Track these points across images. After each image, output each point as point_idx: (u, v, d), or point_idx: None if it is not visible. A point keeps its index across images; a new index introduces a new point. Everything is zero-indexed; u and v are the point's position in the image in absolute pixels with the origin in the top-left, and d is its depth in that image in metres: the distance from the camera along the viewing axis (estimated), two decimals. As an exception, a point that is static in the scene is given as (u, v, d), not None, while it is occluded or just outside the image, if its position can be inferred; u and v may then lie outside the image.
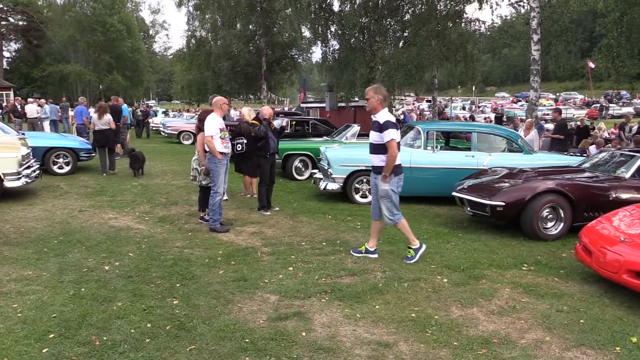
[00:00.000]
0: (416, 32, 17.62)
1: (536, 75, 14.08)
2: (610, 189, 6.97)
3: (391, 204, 5.68)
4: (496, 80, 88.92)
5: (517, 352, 3.75)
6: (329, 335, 3.97)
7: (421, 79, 19.02)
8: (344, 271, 5.43)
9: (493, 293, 4.89)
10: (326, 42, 19.54)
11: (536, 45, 13.94)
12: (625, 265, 4.58)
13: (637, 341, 3.92)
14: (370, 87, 5.85)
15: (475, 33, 18.82)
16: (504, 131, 10.07)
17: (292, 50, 34.71)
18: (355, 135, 12.63)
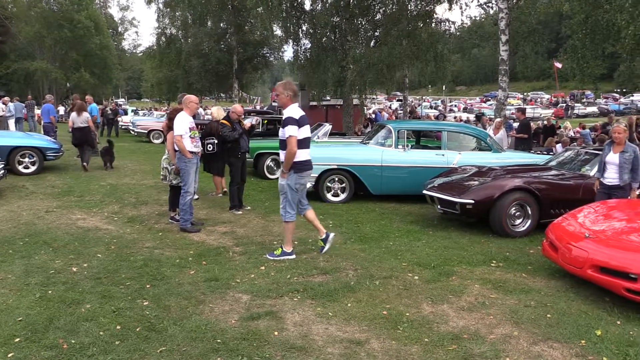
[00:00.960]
0: (387, 32, 17.74)
1: (504, 75, 14.33)
2: (576, 187, 7.15)
3: (286, 200, 5.70)
4: (466, 80, 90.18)
5: (486, 347, 3.81)
6: (301, 334, 3.97)
7: (392, 78, 19.15)
8: (315, 270, 5.44)
9: (463, 289, 4.96)
10: (298, 41, 19.51)
11: (504, 45, 14.19)
12: (590, 260, 4.70)
13: (601, 334, 4.03)
14: (280, 82, 5.84)
15: (445, 33, 19.05)
16: (473, 130, 10.23)
17: (263, 48, 34.62)
18: (327, 134, 12.66)
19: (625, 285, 4.37)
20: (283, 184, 5.71)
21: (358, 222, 7.76)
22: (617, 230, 5.04)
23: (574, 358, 3.69)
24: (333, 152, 9.55)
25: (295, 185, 5.67)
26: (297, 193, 5.74)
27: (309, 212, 5.99)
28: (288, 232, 5.84)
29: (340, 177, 9.19)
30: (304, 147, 5.63)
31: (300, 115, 5.59)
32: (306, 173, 5.73)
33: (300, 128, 5.55)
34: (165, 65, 35.21)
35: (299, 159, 5.60)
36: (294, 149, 5.50)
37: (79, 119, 12.25)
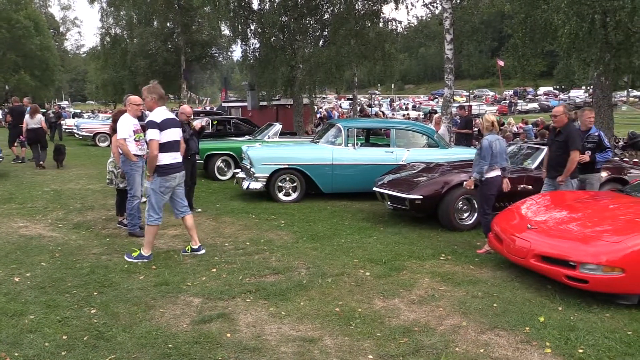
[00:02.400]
0: (335, 31, 17.87)
1: (450, 74, 14.67)
2: (519, 180, 7.41)
3: (150, 204, 5.68)
4: (414, 78, 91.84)
5: (436, 338, 3.91)
6: (254, 335, 3.96)
7: (341, 77, 19.32)
8: (268, 270, 5.43)
9: (413, 283, 5.07)
10: (246, 41, 19.37)
11: (449, 44, 14.52)
12: (533, 250, 4.89)
13: (544, 320, 4.21)
14: (146, 86, 5.80)
15: (393, 32, 19.35)
16: (420, 127, 10.45)
17: (212, 48, 34.19)
18: (277, 133, 12.63)
19: (565, 272, 4.57)
20: (146, 187, 5.67)
21: (310, 220, 7.79)
22: (557, 221, 5.26)
23: (519, 344, 3.83)
24: (283, 152, 9.55)
25: (159, 189, 5.62)
26: (162, 197, 5.69)
27: (188, 217, 5.92)
28: (149, 235, 5.76)
29: (292, 177, 9.20)
30: (168, 151, 5.59)
31: (163, 119, 5.56)
32: (171, 177, 5.67)
33: (163, 131, 5.51)
34: (111, 66, 34.22)
35: (162, 162, 5.56)
36: (154, 152, 5.47)
37: (32, 121, 13.26)
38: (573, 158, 6.26)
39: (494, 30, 36.53)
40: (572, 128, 6.48)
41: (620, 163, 8.91)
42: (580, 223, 5.09)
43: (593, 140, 6.74)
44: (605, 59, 11.44)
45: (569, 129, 6.41)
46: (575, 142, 6.29)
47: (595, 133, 6.79)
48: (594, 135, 6.77)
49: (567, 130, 6.39)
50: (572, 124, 6.59)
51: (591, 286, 4.45)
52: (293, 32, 18.48)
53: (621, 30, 10.60)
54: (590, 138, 6.76)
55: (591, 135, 6.78)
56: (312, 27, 19.40)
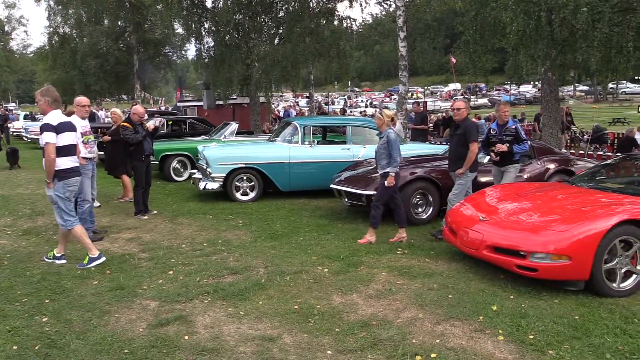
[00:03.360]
0: (290, 29, 17.83)
1: (404, 70, 14.85)
2: (471, 174, 7.59)
3: (59, 210, 5.57)
4: (370, 76, 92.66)
5: (393, 331, 3.97)
6: (212, 336, 3.93)
7: (297, 75, 19.29)
8: (226, 270, 5.39)
9: (371, 278, 5.13)
10: (200, 39, 19.11)
11: (403, 42, 14.70)
12: (485, 242, 5.02)
13: (497, 309, 4.33)
14: (39, 89, 5.71)
15: (347, 30, 19.46)
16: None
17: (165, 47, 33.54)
18: (234, 133, 12.53)
19: (516, 262, 4.72)
20: (51, 195, 5.50)
21: (268, 219, 7.77)
22: (509, 212, 5.42)
23: (473, 333, 3.93)
24: (240, 151, 9.49)
25: (64, 194, 5.52)
26: (69, 201, 5.59)
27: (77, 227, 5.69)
28: (83, 238, 5.65)
29: (249, 176, 9.16)
30: (66, 155, 5.49)
31: (59, 122, 5.47)
32: (73, 180, 5.58)
33: (59, 134, 5.41)
34: (60, 67, 33.06)
35: (62, 167, 5.45)
36: (51, 155, 5.35)
37: None
38: (472, 150, 6.51)
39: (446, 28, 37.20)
40: (469, 122, 6.75)
41: (567, 155, 9.25)
42: (530, 214, 5.25)
43: (511, 133, 6.93)
44: (551, 55, 11.83)
45: (466, 123, 6.68)
46: (472, 134, 6.54)
47: (512, 126, 6.98)
48: (511, 128, 6.95)
49: (464, 124, 6.66)
50: (469, 118, 6.87)
51: (540, 274, 4.61)
52: (248, 31, 18.35)
53: (566, 27, 10.98)
54: (508, 131, 6.94)
55: (509, 129, 6.96)
56: (267, 26, 19.31)
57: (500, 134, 7.01)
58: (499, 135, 7.03)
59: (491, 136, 7.15)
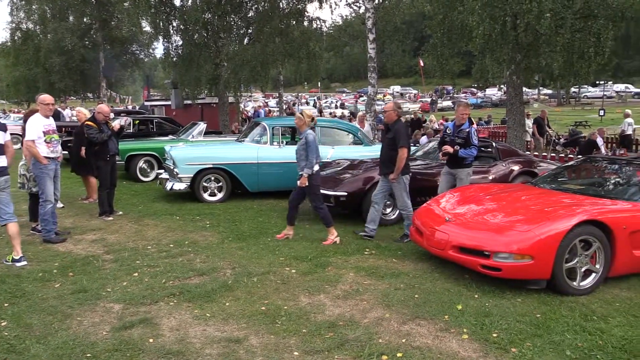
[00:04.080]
0: (260, 29, 17.78)
1: (373, 72, 14.96)
2: (438, 175, 7.68)
3: None
4: (340, 77, 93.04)
5: (360, 331, 3.99)
6: (178, 339, 3.88)
7: (267, 76, 19.20)
8: (192, 272, 5.33)
9: (338, 279, 5.14)
10: (168, 38, 18.84)
11: (372, 44, 14.80)
12: (451, 242, 5.10)
13: (462, 308, 4.40)
14: None
15: (317, 31, 19.49)
16: (345, 125, 10.61)
17: (132, 45, 33.00)
18: (202, 133, 12.42)
19: (480, 262, 4.80)
20: None
21: (236, 220, 7.72)
22: (474, 213, 5.51)
23: (438, 332, 3.99)
24: (208, 152, 9.40)
25: None
26: None
27: (11, 225, 5.62)
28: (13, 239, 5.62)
29: (217, 176, 9.08)
30: None
31: None
32: (2, 179, 5.52)
33: None
34: (23, 64, 32.11)
35: None
36: None
37: None
38: (401, 155, 6.36)
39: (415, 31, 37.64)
40: (399, 125, 6.56)
41: (530, 157, 9.45)
42: (494, 214, 5.35)
43: (463, 136, 6.85)
44: (516, 59, 12.09)
45: (396, 126, 6.51)
46: (402, 139, 6.39)
47: (466, 129, 6.87)
48: (465, 130, 6.85)
49: (394, 127, 6.51)
50: (400, 121, 6.68)
51: (504, 273, 4.70)
52: (217, 30, 18.20)
53: (530, 32, 11.24)
54: (462, 133, 6.86)
55: (463, 131, 6.87)
56: (237, 25, 19.18)
57: (454, 134, 6.93)
58: (452, 135, 6.96)
59: (445, 135, 7.10)
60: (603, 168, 6.72)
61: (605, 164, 6.88)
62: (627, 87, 57.33)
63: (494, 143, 9.01)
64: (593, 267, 4.86)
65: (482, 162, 8.59)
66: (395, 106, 6.72)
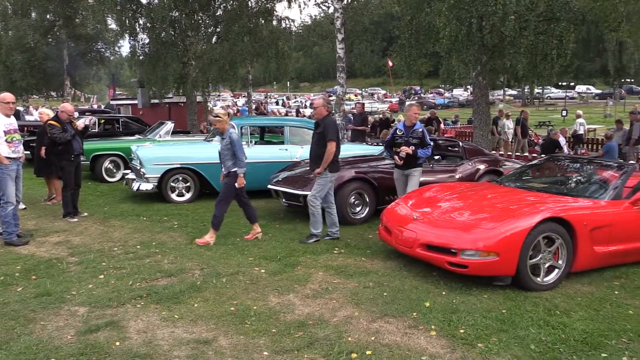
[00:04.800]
0: (228, 28, 17.64)
1: (342, 72, 15.02)
2: (406, 174, 7.77)
3: None
4: (309, 77, 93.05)
5: (330, 330, 4.01)
6: (145, 341, 3.82)
7: (235, 75, 19.07)
8: (160, 273, 5.26)
9: (308, 278, 5.15)
10: (135, 36, 18.52)
11: (341, 44, 14.86)
12: (419, 240, 5.15)
13: (430, 305, 4.46)
14: None
15: (286, 30, 19.45)
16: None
17: (97, 43, 32.30)
18: (170, 132, 12.26)
19: (448, 259, 4.87)
20: None
21: (204, 221, 7.63)
22: (441, 211, 5.59)
23: (407, 329, 4.03)
24: (176, 151, 9.29)
25: None
26: None
27: None
28: None
29: (185, 177, 8.98)
30: None
31: None
32: None
33: None
34: (-18, 61, 31.17)
35: None
36: None
37: None
38: (329, 149, 6.30)
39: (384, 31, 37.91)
40: (329, 120, 6.49)
41: (496, 156, 9.64)
42: (461, 212, 5.44)
43: (417, 136, 6.85)
44: (482, 60, 12.31)
45: (326, 121, 6.44)
46: (330, 133, 6.32)
47: (419, 129, 6.89)
48: (418, 130, 6.87)
49: (324, 122, 6.44)
50: (330, 117, 6.61)
51: (471, 270, 4.79)
52: (184, 28, 17.98)
53: (495, 34, 11.45)
54: (415, 133, 6.86)
55: (415, 131, 6.87)
56: (205, 24, 18.98)
57: (407, 135, 6.89)
58: (405, 136, 6.91)
59: (397, 137, 7.02)
60: (565, 167, 6.92)
61: (567, 163, 7.08)
62: (588, 89, 59.06)
63: (461, 142, 9.15)
64: (556, 263, 4.98)
65: (449, 161, 8.73)
66: (324, 102, 6.65)
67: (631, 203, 5.43)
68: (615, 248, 5.29)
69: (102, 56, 33.51)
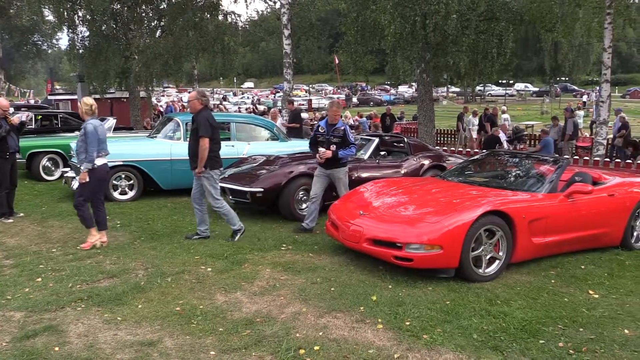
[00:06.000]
0: (173, 22, 17.26)
1: (289, 68, 15.02)
2: (353, 169, 7.84)
3: None
4: (256, 72, 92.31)
5: (277, 327, 4.00)
6: (86, 345, 3.70)
7: (180, 70, 18.69)
8: (102, 274, 5.09)
9: (255, 275, 5.12)
10: (74, 28, 17.80)
11: (287, 39, 14.85)
12: (365, 235, 5.21)
13: (376, 299, 4.53)
14: None
15: (232, 25, 19.22)
16: (261, 121, 10.56)
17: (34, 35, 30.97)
18: (111, 128, 11.90)
19: (393, 253, 4.95)
20: None
21: (149, 219, 7.46)
22: (387, 206, 5.67)
23: (354, 324, 4.07)
24: (118, 148, 8.96)
25: None
26: None
27: None
28: None
29: (128, 174, 8.73)
30: None
31: None
32: None
33: None
34: None
35: None
36: None
37: None
38: (202, 145, 5.98)
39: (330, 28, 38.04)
40: (202, 115, 6.10)
41: (440, 151, 9.88)
42: (406, 207, 5.54)
43: (338, 135, 6.66)
44: (426, 58, 12.58)
45: (199, 116, 6.10)
46: (202, 128, 5.97)
47: (341, 127, 6.70)
48: (340, 129, 6.68)
49: (197, 118, 6.12)
50: (203, 111, 6.19)
51: (416, 264, 4.88)
52: (127, 21, 17.46)
53: (438, 32, 11.72)
54: (337, 132, 6.67)
55: (337, 129, 6.68)
56: (148, 17, 18.51)
57: (329, 133, 6.71)
58: (327, 134, 6.74)
59: (318, 134, 6.90)
60: (505, 162, 7.17)
61: (507, 158, 7.33)
62: (526, 86, 61.44)
63: (406, 138, 9.32)
64: (497, 254, 5.16)
65: (394, 157, 8.87)
66: (198, 95, 6.26)
67: (566, 196, 5.68)
68: (552, 239, 5.53)
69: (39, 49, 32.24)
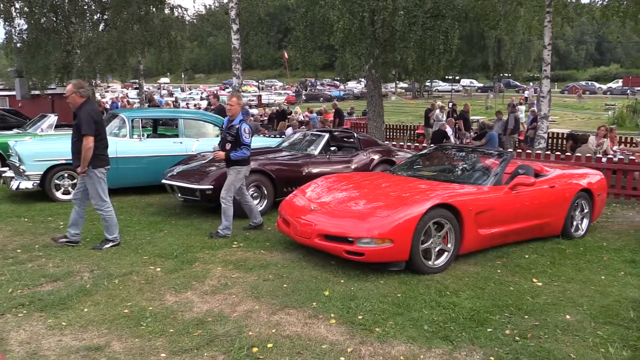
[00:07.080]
0: (117, 15, 16.74)
1: (238, 63, 14.81)
2: (303, 165, 7.86)
3: None
4: (204, 68, 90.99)
5: (230, 325, 3.95)
6: (29, 353, 3.54)
7: (125, 65, 18.14)
8: (44, 278, 4.89)
9: (206, 274, 5.04)
10: (10, 21, 16.99)
11: (236, 34, 14.64)
12: (317, 231, 5.22)
13: (329, 294, 4.54)
14: None
15: (179, 19, 18.82)
16: (209, 117, 10.38)
17: (-35, 28, 29.35)
18: (53, 126, 11.43)
19: (345, 248, 4.98)
20: None
21: (94, 219, 7.19)
22: (338, 201, 5.69)
23: (307, 319, 4.07)
24: (60, 146, 8.60)
25: None
26: None
27: None
28: None
29: (71, 173, 8.41)
30: None
31: None
32: None
33: None
34: None
35: None
36: None
37: None
38: (86, 145, 5.49)
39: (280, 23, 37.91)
40: (83, 110, 5.57)
41: (389, 146, 10.00)
42: (357, 202, 5.58)
43: (232, 133, 6.27)
44: (374, 54, 12.70)
45: (81, 111, 5.57)
46: (84, 125, 5.47)
47: (236, 125, 6.27)
48: (235, 127, 6.27)
49: (79, 113, 5.59)
50: (86, 106, 5.59)
51: (367, 258, 4.93)
52: (68, 14, 16.79)
53: (386, 29, 11.86)
54: (232, 130, 6.29)
55: (233, 127, 6.30)
56: (90, 10, 17.85)
57: (226, 130, 6.39)
58: (225, 131, 6.45)
59: (220, 129, 6.63)
60: (452, 156, 7.33)
61: (454, 152, 7.50)
62: (471, 82, 63.16)
63: (356, 134, 9.39)
64: (445, 246, 5.28)
65: (344, 152, 8.92)
66: (75, 87, 5.60)
67: (510, 188, 5.87)
68: (497, 230, 5.70)
69: (-28, 42, 30.47)
